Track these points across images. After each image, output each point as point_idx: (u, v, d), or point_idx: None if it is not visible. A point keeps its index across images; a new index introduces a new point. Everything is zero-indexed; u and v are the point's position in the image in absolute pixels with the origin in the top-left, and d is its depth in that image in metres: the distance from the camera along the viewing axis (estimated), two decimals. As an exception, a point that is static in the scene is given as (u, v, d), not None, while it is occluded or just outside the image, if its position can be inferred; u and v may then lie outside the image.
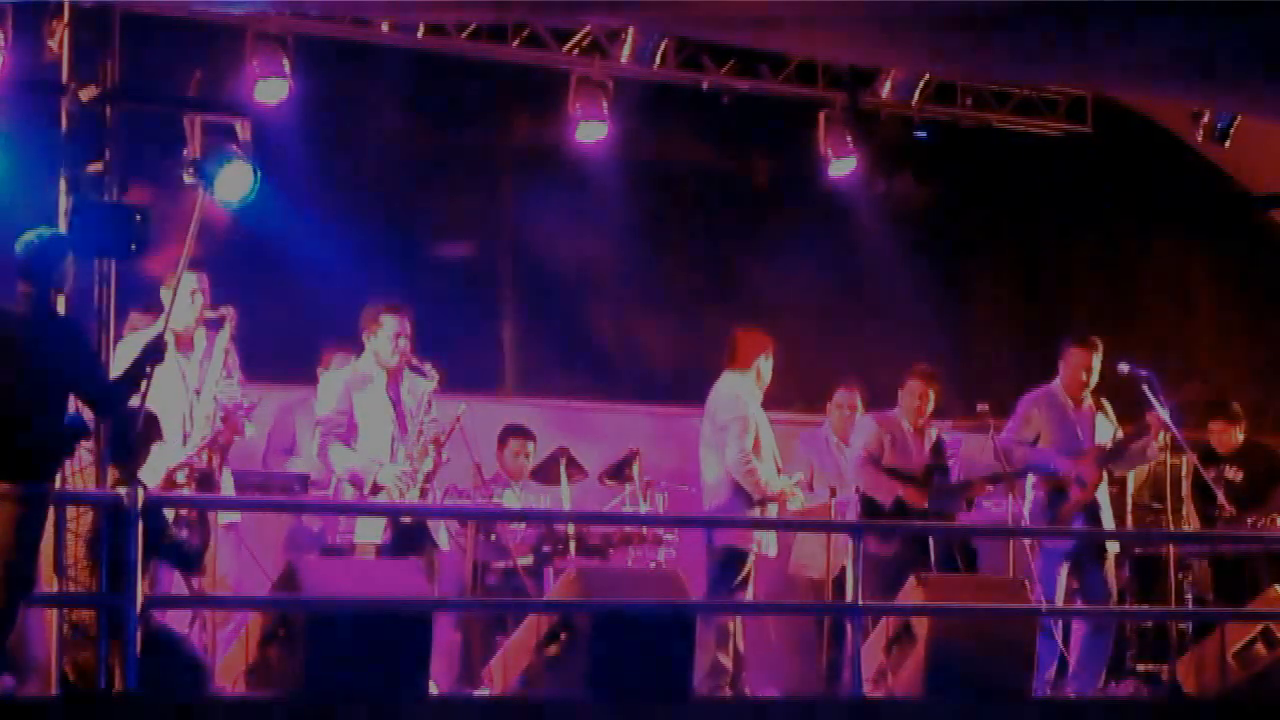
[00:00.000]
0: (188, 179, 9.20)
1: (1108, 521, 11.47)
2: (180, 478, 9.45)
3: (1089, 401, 11.54)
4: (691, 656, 9.56)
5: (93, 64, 9.13)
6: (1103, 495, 11.46)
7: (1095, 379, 11.51)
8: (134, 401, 8.55)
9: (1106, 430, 11.54)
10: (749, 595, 11.22)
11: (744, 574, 11.08)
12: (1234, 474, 12.27)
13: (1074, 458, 11.34)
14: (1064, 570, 11.21)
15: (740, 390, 11.14)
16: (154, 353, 8.52)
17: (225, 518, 9.92)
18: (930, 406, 11.61)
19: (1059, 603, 11.14)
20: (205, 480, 9.37)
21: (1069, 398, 11.49)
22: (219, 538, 9.54)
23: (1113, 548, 11.46)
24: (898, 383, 11.71)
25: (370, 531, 10.14)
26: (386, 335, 10.32)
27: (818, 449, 12.27)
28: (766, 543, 11.13)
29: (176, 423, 9.55)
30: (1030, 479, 11.42)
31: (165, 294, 9.56)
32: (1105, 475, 11.48)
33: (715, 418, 11.12)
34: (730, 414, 11.06)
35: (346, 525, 10.19)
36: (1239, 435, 12.36)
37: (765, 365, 11.24)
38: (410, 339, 10.35)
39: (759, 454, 11.05)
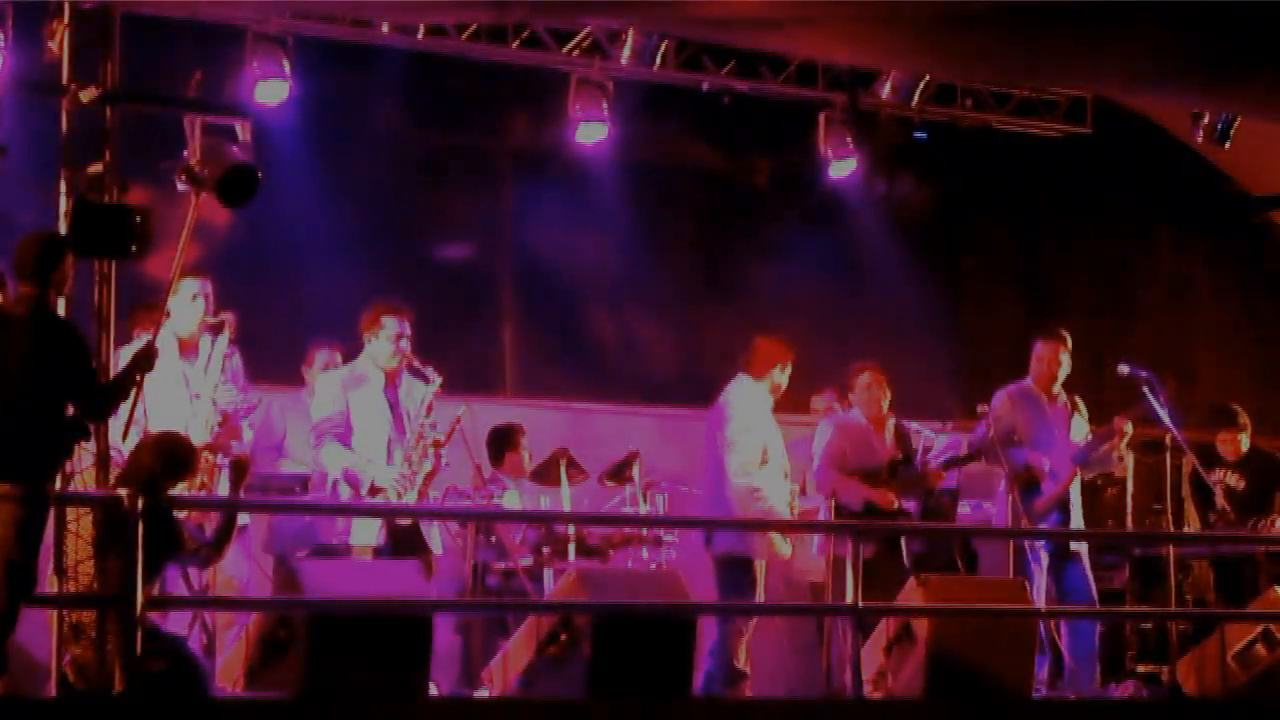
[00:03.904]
0: (181, 185, 9.19)
1: (1078, 520, 11.47)
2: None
3: (1063, 398, 11.54)
4: (692, 657, 9.55)
5: (93, 64, 9.12)
6: (1074, 493, 11.45)
7: (1065, 372, 11.51)
8: (124, 409, 8.61)
9: (1081, 428, 11.56)
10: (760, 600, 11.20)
11: (751, 579, 11.04)
12: (1236, 481, 12.26)
13: (1048, 452, 11.35)
14: (1041, 567, 11.18)
15: (754, 400, 11.12)
16: (144, 361, 8.52)
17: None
18: (886, 400, 11.59)
19: (1040, 599, 11.11)
20: (239, 466, 9.26)
21: (1042, 393, 11.49)
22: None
23: (1081, 546, 11.42)
24: (899, 382, 11.69)
25: (366, 534, 10.11)
26: (387, 337, 10.28)
27: (810, 453, 12.30)
28: (778, 544, 11.10)
29: (179, 428, 9.52)
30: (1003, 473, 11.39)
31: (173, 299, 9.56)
32: (1079, 473, 11.48)
33: (725, 426, 11.09)
34: (740, 425, 11.04)
35: (343, 527, 10.17)
36: (1245, 443, 12.35)
37: (781, 376, 11.22)
38: (411, 341, 10.33)
39: (767, 467, 11.04)
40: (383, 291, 10.78)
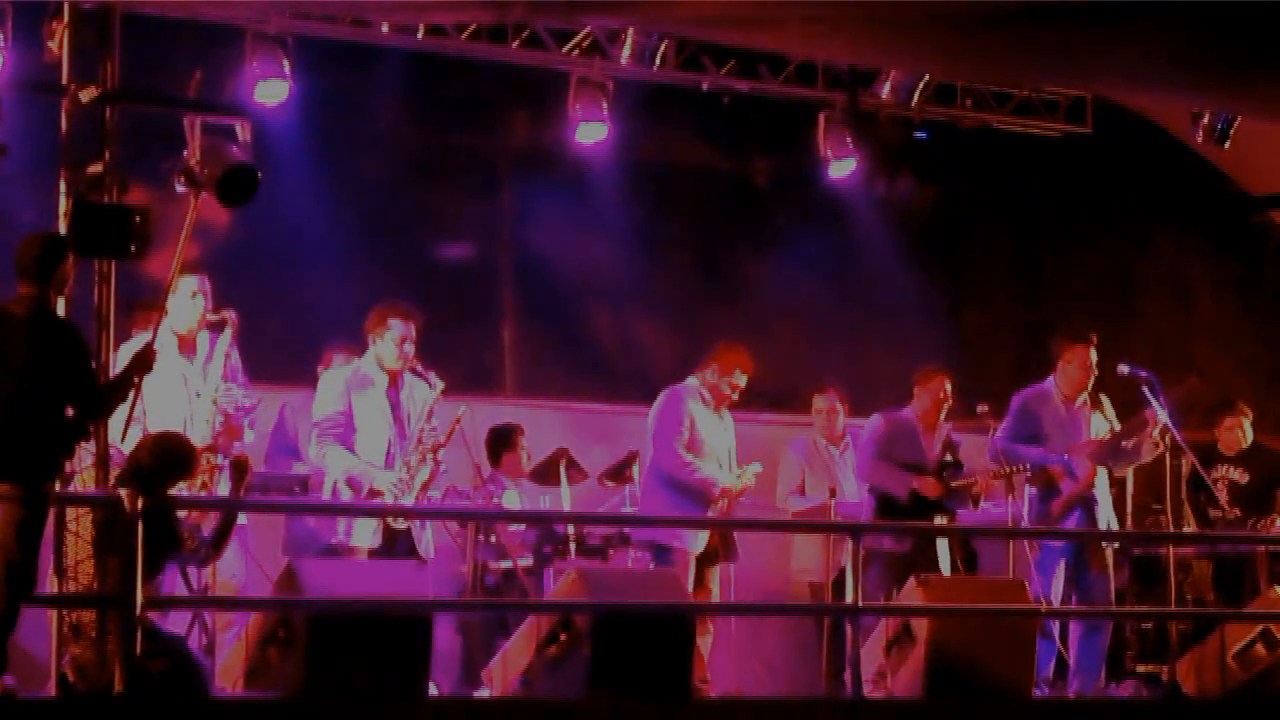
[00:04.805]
0: (181, 185, 9.18)
1: (1105, 518, 11.47)
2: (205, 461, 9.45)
3: (1084, 398, 11.53)
4: (691, 657, 9.55)
5: (93, 64, 9.12)
6: (1101, 492, 11.45)
7: (1093, 376, 11.51)
8: (124, 408, 8.60)
9: (1102, 427, 11.54)
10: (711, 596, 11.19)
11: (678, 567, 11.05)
12: (1239, 476, 12.26)
13: (1068, 453, 11.35)
14: (1061, 567, 11.20)
15: (689, 390, 11.18)
16: (143, 362, 8.51)
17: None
18: (945, 407, 11.61)
19: (1056, 600, 11.14)
20: (239, 466, 9.24)
21: (1064, 395, 11.48)
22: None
23: (1108, 547, 11.44)
24: (900, 383, 11.70)
25: (365, 536, 10.11)
26: (392, 339, 10.24)
27: (807, 453, 12.31)
28: (692, 540, 11.07)
29: (178, 427, 9.52)
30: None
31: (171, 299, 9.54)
32: (1101, 471, 11.46)
33: (654, 406, 11.23)
34: (666, 406, 11.16)
35: (343, 528, 10.16)
36: (1248, 434, 12.33)
37: (715, 379, 11.26)
38: (416, 344, 10.30)
39: (697, 453, 11.06)
40: (382, 291, 10.78)
